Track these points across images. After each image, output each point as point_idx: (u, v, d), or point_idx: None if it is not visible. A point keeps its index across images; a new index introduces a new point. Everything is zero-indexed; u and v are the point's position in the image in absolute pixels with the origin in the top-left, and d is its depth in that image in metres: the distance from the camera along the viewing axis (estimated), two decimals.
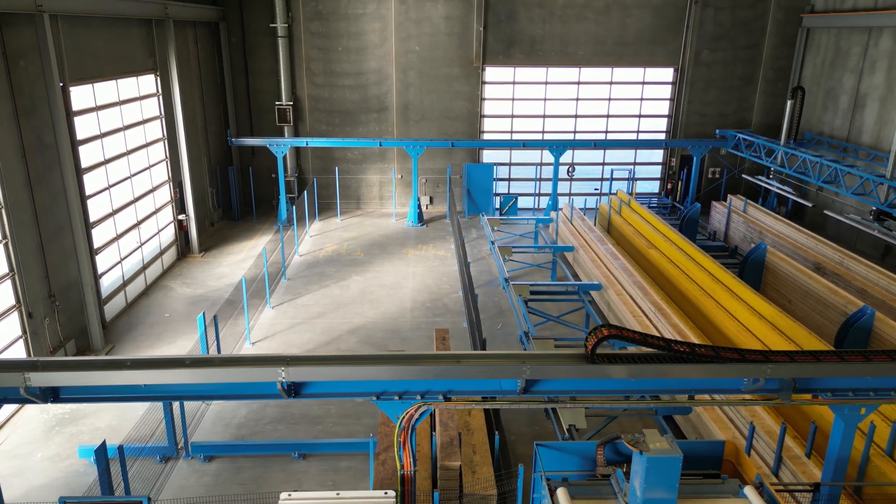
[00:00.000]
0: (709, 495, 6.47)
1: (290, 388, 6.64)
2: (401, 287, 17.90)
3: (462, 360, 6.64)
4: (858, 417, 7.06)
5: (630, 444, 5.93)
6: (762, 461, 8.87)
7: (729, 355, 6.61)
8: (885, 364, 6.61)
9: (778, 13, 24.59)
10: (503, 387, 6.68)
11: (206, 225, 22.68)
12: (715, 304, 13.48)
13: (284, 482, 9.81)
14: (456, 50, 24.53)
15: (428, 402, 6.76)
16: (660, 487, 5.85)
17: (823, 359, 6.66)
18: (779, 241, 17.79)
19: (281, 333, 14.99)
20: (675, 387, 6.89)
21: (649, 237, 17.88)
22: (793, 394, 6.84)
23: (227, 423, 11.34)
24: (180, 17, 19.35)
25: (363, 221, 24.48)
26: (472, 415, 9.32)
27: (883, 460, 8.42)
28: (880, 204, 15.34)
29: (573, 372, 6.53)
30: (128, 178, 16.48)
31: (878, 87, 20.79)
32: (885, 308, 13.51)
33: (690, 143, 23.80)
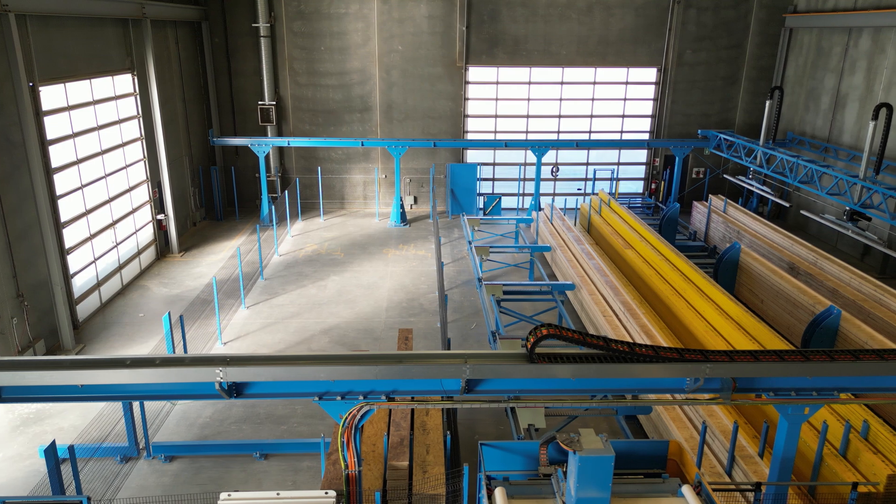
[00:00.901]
0: (648, 494, 6.49)
1: (232, 389, 6.64)
2: (378, 287, 17.90)
3: (404, 361, 6.64)
4: (802, 417, 7.08)
5: (564, 444, 5.94)
6: (716, 460, 8.89)
7: (668, 355, 6.62)
8: (824, 364, 6.63)
9: (760, 13, 24.63)
10: (445, 386, 6.69)
11: (187, 225, 22.67)
12: (685, 303, 13.50)
13: (244, 482, 9.81)
14: (439, 49, 24.53)
15: (370, 402, 6.77)
16: (592, 486, 5.86)
17: (762, 358, 6.68)
18: (755, 241, 17.82)
19: (253, 333, 14.98)
20: (617, 386, 6.90)
21: (626, 237, 17.90)
22: (735, 393, 6.87)
23: (192, 423, 11.34)
24: (159, 16, 19.33)
25: (346, 221, 24.47)
26: (430, 415, 9.32)
27: (836, 460, 8.44)
28: (853, 204, 15.37)
29: (514, 371, 6.54)
30: (102, 177, 16.46)
31: (857, 87, 20.84)
32: (856, 308, 13.54)
33: (672, 143, 23.83)
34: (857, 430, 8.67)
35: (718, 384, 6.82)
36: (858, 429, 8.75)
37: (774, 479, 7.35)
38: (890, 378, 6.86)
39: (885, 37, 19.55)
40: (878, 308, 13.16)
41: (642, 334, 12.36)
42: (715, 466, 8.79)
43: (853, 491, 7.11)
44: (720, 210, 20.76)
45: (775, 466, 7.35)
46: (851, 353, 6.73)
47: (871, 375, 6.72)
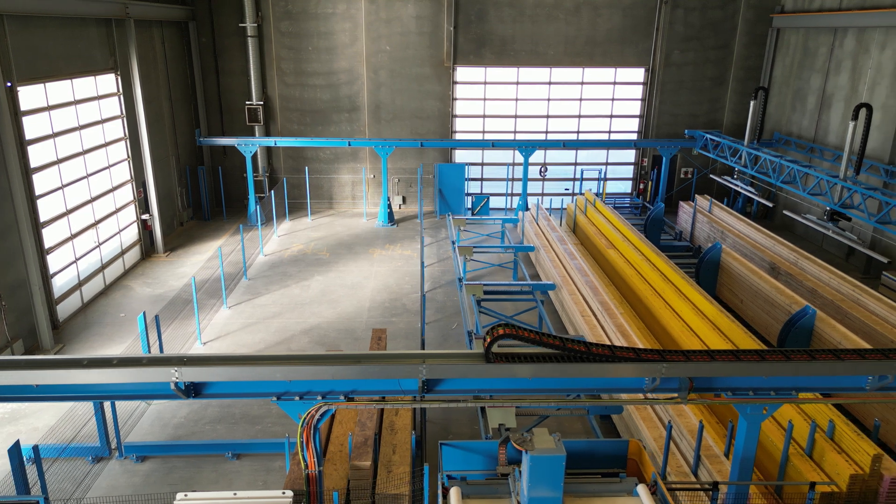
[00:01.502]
0: (604, 494, 6.51)
1: (190, 389, 6.65)
2: (362, 287, 17.91)
3: (361, 361, 6.65)
4: (761, 416, 7.09)
5: (516, 444, 5.96)
6: (683, 460, 8.91)
7: (624, 354, 6.64)
8: (779, 364, 6.65)
9: (748, 13, 24.67)
10: (403, 386, 6.69)
11: (174, 225, 22.67)
12: (663, 303, 13.52)
13: (215, 482, 9.81)
14: (426, 50, 24.54)
15: (329, 402, 6.78)
16: (544, 486, 5.88)
17: (718, 358, 6.69)
18: (739, 241, 17.85)
19: (234, 333, 14.99)
20: (576, 386, 6.91)
21: (609, 237, 17.92)
22: (695, 393, 6.89)
23: (166, 423, 11.34)
24: (143, 16, 19.33)
25: (334, 221, 24.48)
26: (399, 415, 9.34)
27: (801, 460, 8.46)
28: (833, 204, 15.41)
29: (470, 371, 6.54)
30: (84, 177, 16.45)
31: (843, 87, 20.88)
32: (834, 308, 13.58)
33: (659, 144, 23.86)
34: (824, 429, 8.69)
35: (676, 384, 6.84)
36: (825, 429, 8.78)
37: (735, 478, 7.37)
38: (845, 378, 6.88)
39: (869, 37, 19.59)
40: (855, 308, 13.19)
41: (618, 334, 12.39)
42: (682, 466, 8.81)
43: (811, 490, 7.13)
44: (705, 210, 20.79)
45: (735, 466, 7.36)
46: (808, 352, 6.75)
47: (827, 375, 6.74)
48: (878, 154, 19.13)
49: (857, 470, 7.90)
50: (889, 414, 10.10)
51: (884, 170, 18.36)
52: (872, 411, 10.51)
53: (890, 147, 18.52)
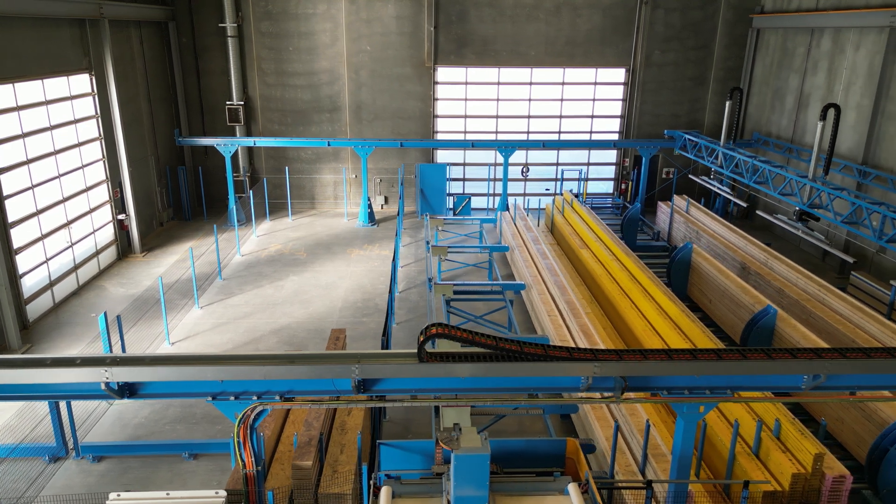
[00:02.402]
0: (535, 492, 6.54)
1: (124, 389, 6.66)
2: (336, 287, 17.92)
3: (296, 361, 6.67)
4: (697, 415, 7.12)
5: (443, 443, 5.98)
6: (632, 459, 8.93)
7: (557, 353, 6.67)
8: (711, 363, 6.68)
9: (728, 14, 24.72)
10: (337, 386, 6.71)
11: (153, 225, 22.66)
12: (630, 303, 13.56)
13: (169, 482, 9.82)
14: (407, 50, 24.56)
15: (264, 402, 6.80)
16: (469, 484, 5.90)
17: (651, 357, 6.73)
18: (713, 241, 17.90)
19: (203, 334, 14.99)
20: (511, 385, 6.93)
21: (583, 237, 17.96)
22: (630, 392, 6.92)
23: (127, 423, 11.35)
24: (119, 16, 19.32)
25: (314, 221, 24.49)
26: (352, 414, 9.36)
27: (748, 459, 8.50)
28: (802, 204, 15.46)
29: (403, 371, 6.57)
30: (56, 177, 16.44)
31: (819, 87, 20.94)
32: (799, 307, 13.62)
33: (639, 144, 23.89)
34: (771, 428, 8.73)
35: (612, 383, 6.87)
36: (774, 428, 8.81)
37: (674, 477, 7.40)
38: (781, 377, 6.91)
39: (845, 37, 19.65)
40: (819, 308, 13.24)
41: (581, 334, 12.42)
42: (630, 465, 8.84)
43: (744, 489, 7.17)
44: (683, 210, 20.84)
45: (674, 464, 7.40)
46: (739, 352, 6.79)
47: (758, 374, 6.78)
48: (853, 154, 19.19)
49: (800, 469, 7.94)
50: (844, 413, 10.15)
51: (857, 170, 18.43)
52: (828, 410, 10.55)
53: (864, 147, 18.58)
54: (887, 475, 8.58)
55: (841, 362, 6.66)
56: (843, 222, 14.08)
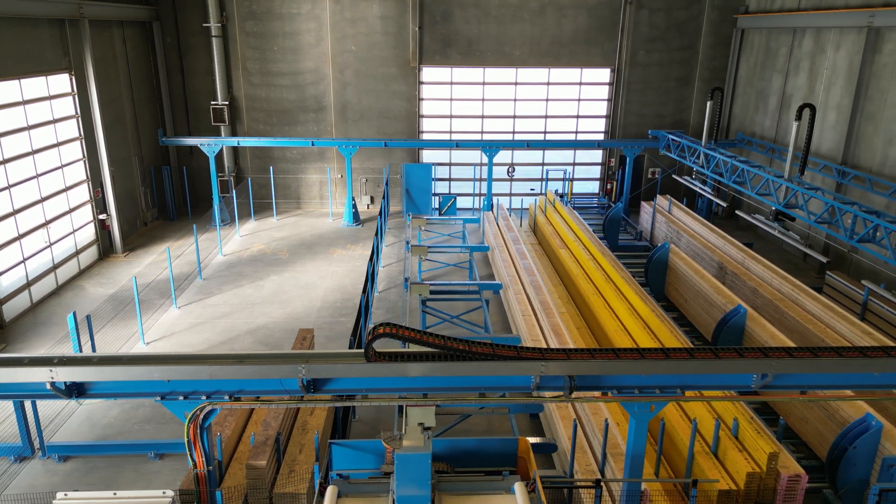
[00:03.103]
0: (482, 492, 6.55)
1: (72, 389, 6.67)
2: (316, 287, 17.93)
3: (244, 361, 6.69)
4: (648, 414, 7.14)
5: (385, 442, 5.99)
6: (593, 458, 8.95)
7: (505, 353, 6.69)
8: (658, 362, 6.70)
9: (712, 14, 24.75)
10: (285, 386, 6.72)
11: (137, 224, 22.66)
12: (603, 302, 13.58)
13: (133, 482, 9.83)
14: (392, 50, 24.57)
15: (214, 402, 6.82)
16: (411, 484, 5.92)
17: (598, 356, 6.75)
18: (692, 241, 17.92)
19: (179, 333, 14.99)
20: (462, 384, 6.95)
21: (563, 237, 17.99)
22: (577, 391, 6.94)
23: (96, 423, 11.35)
24: (100, 16, 19.32)
25: (299, 221, 24.49)
26: (314, 414, 9.37)
27: (706, 458, 8.52)
28: (778, 204, 15.49)
29: (350, 371, 6.59)
30: (34, 177, 16.43)
31: (801, 87, 20.97)
32: (772, 307, 13.65)
33: (623, 144, 23.93)
34: (730, 427, 8.75)
35: (561, 382, 6.89)
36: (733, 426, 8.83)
37: (627, 476, 7.42)
38: (731, 376, 6.94)
39: (825, 37, 19.69)
40: (792, 307, 13.26)
41: (552, 333, 12.44)
42: (591, 465, 8.86)
43: (693, 488, 7.19)
44: (665, 210, 20.87)
45: (627, 463, 7.42)
46: (687, 351, 6.81)
47: (706, 373, 6.80)
48: (833, 154, 19.23)
49: (755, 468, 7.97)
50: (809, 413, 10.17)
51: (836, 170, 18.47)
52: (794, 410, 10.58)
53: (843, 147, 18.62)
54: (846, 474, 8.60)
55: (787, 361, 6.69)
56: (817, 222, 14.11)
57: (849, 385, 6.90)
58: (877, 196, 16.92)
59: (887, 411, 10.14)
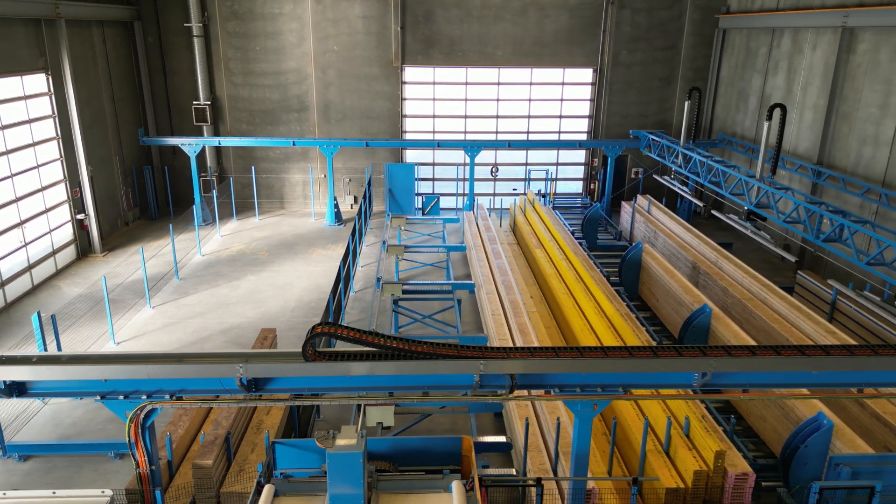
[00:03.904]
0: (420, 490, 6.57)
1: (12, 388, 6.68)
2: (292, 287, 17.94)
3: (184, 360, 6.71)
4: (591, 413, 7.16)
5: (318, 441, 6.01)
6: (546, 457, 8.97)
7: (445, 351, 6.71)
8: (596, 360, 6.73)
9: (694, 14, 24.79)
10: (225, 385, 6.74)
11: (118, 224, 22.65)
12: (573, 302, 13.62)
13: (92, 482, 9.83)
14: (374, 50, 24.58)
15: (154, 401, 6.83)
16: (344, 482, 5.93)
17: (538, 355, 6.77)
18: (668, 241, 17.96)
19: (151, 333, 14.99)
20: (405, 383, 6.96)
21: (540, 237, 18.02)
22: (519, 390, 6.96)
23: (60, 422, 11.36)
24: (78, 16, 19.31)
25: (282, 221, 24.49)
26: (271, 413, 9.39)
27: (657, 456, 8.55)
28: (750, 204, 15.53)
29: (289, 370, 6.61)
30: (8, 177, 16.43)
31: (779, 87, 21.02)
32: (741, 306, 13.69)
33: (604, 144, 23.97)
34: (681, 426, 8.79)
35: (502, 381, 6.92)
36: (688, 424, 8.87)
37: (573, 475, 7.44)
38: (673, 374, 6.96)
39: (803, 37, 19.74)
40: (760, 307, 13.30)
41: (518, 333, 12.46)
42: (545, 463, 8.88)
43: (633, 486, 7.21)
44: (644, 210, 20.91)
45: (572, 462, 7.45)
46: (626, 349, 6.84)
47: (645, 372, 6.83)
48: (810, 154, 19.28)
49: (702, 466, 8.00)
50: (767, 412, 10.21)
51: (811, 169, 18.52)
52: (753, 408, 10.62)
53: (819, 147, 18.67)
54: (798, 472, 8.64)
55: (725, 360, 6.71)
56: (786, 221, 14.16)
57: (786, 384, 6.93)
58: (851, 196, 16.97)
59: (847, 411, 10.18)
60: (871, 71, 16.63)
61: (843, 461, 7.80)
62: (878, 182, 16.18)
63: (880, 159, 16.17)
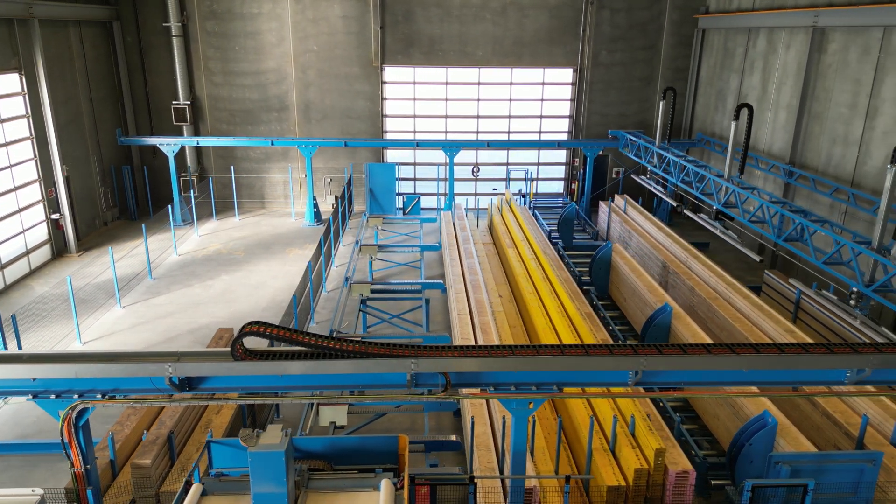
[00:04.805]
0: (349, 489, 6.58)
1: None
2: (265, 286, 17.94)
3: (116, 359, 6.71)
4: (527, 411, 7.18)
5: (242, 440, 6.02)
6: (495, 456, 8.99)
7: (378, 351, 6.72)
8: (528, 359, 6.74)
9: (674, 14, 24.84)
10: (156, 384, 6.74)
11: (96, 224, 22.64)
12: (538, 301, 13.64)
13: (44, 481, 9.81)
14: (354, 49, 24.59)
15: (86, 400, 6.84)
16: (266, 481, 5.94)
17: (470, 353, 6.79)
18: (641, 241, 18.00)
19: (119, 333, 14.99)
20: (339, 382, 6.99)
21: (513, 237, 18.05)
22: (453, 388, 6.98)
23: (19, 422, 11.35)
24: (52, 16, 19.29)
25: (262, 221, 24.49)
26: (221, 413, 9.40)
27: (602, 454, 8.58)
28: (719, 204, 15.57)
29: (217, 369, 6.62)
30: None
31: (755, 87, 21.07)
32: (705, 305, 13.72)
33: (583, 144, 24.01)
34: (627, 424, 8.82)
35: (437, 380, 6.93)
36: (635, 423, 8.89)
37: (512, 472, 7.46)
38: (609, 372, 6.97)
39: (777, 37, 19.78)
40: (724, 306, 13.33)
41: (480, 332, 12.48)
42: (492, 462, 8.89)
43: (566, 484, 7.24)
44: (621, 209, 20.95)
45: (511, 460, 7.46)
46: (559, 347, 6.85)
47: (577, 370, 6.85)
48: (783, 154, 19.31)
49: (643, 464, 8.03)
50: (719, 410, 10.23)
51: (783, 169, 18.57)
52: (708, 407, 10.64)
53: (791, 147, 18.72)
54: (743, 470, 8.66)
55: (655, 358, 6.74)
56: (751, 221, 14.19)
57: (719, 381, 6.96)
58: (822, 196, 17.01)
59: (800, 409, 10.21)
60: (840, 71, 16.68)
61: (782, 459, 7.83)
62: (847, 182, 16.23)
63: (849, 159, 16.21)
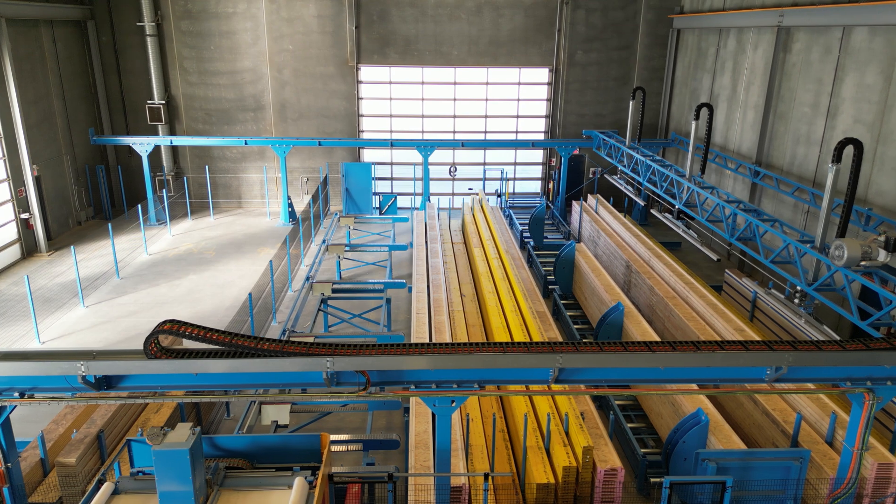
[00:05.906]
0: (263, 487, 6.59)
1: None
2: (232, 286, 17.93)
3: (29, 358, 6.71)
4: (450, 408, 7.20)
5: (148, 439, 6.02)
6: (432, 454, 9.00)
7: (293, 349, 6.73)
8: (444, 356, 6.76)
9: (648, 14, 24.88)
10: (70, 383, 6.75)
11: (69, 224, 22.60)
12: (497, 300, 13.66)
13: None
14: (330, 49, 24.59)
15: (3, 399, 6.84)
16: (171, 479, 5.95)
17: (388, 351, 6.80)
18: (608, 240, 18.03)
19: (80, 332, 14.97)
20: (255, 381, 7.00)
21: (481, 236, 18.07)
22: (373, 387, 6.99)
23: None
24: (21, 16, 19.27)
25: (236, 220, 24.47)
26: (160, 412, 9.39)
27: (535, 452, 8.59)
28: (680, 203, 15.61)
29: (129, 368, 6.63)
30: None
31: (725, 87, 21.12)
32: (662, 304, 13.74)
33: (557, 143, 24.04)
34: (562, 422, 8.84)
35: (356, 378, 6.94)
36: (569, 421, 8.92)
37: (438, 470, 7.48)
38: (529, 370, 6.99)
39: (746, 37, 19.83)
40: (680, 305, 13.37)
41: (435, 331, 12.50)
42: (429, 461, 8.90)
43: (485, 482, 7.25)
44: (592, 209, 20.99)
45: (435, 458, 7.48)
46: (472, 346, 6.87)
47: (494, 367, 6.87)
48: (751, 153, 19.36)
49: (571, 462, 8.05)
50: (662, 408, 10.26)
51: (750, 169, 18.62)
52: (652, 405, 10.67)
53: (757, 146, 18.77)
54: (677, 467, 8.70)
55: (572, 356, 6.76)
56: (709, 220, 14.23)
57: (634, 379, 6.98)
58: (786, 196, 17.07)
59: (743, 408, 10.25)
60: (804, 70, 16.74)
61: (708, 457, 7.86)
62: (809, 182, 16.28)
63: (812, 158, 16.26)
